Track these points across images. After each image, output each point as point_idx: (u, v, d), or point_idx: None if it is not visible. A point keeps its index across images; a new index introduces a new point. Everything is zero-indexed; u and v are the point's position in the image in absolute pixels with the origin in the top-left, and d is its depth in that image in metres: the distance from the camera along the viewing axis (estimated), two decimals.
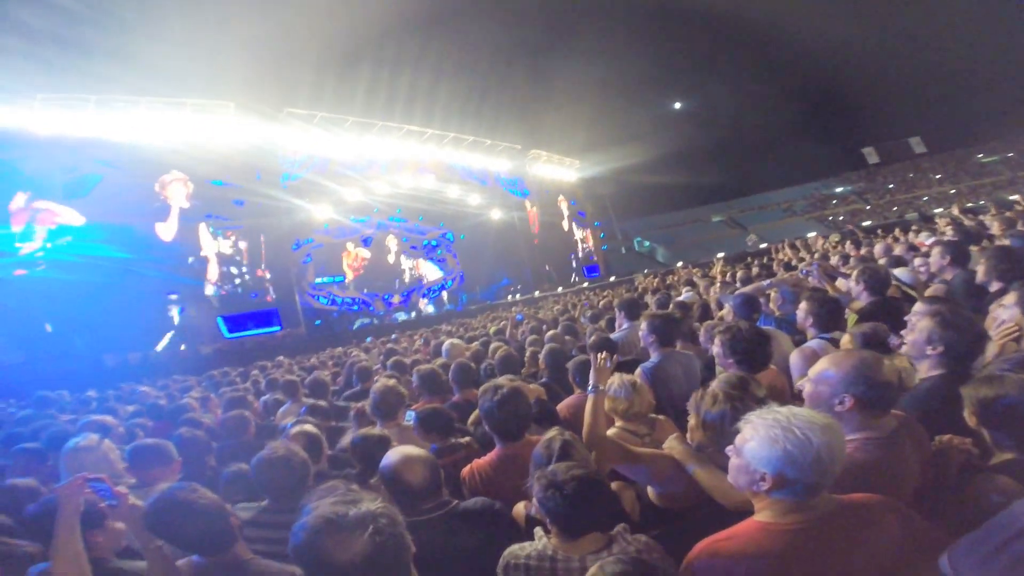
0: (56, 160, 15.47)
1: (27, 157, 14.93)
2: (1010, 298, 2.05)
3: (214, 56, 17.98)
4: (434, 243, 29.54)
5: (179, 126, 17.80)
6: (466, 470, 2.37)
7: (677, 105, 44.20)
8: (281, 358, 10.69)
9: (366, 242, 26.42)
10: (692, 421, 1.89)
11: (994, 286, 2.90)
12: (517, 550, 1.57)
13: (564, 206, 34.37)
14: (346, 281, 25.28)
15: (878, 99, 37.59)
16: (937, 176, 37.78)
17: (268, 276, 21.36)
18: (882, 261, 5.39)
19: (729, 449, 1.36)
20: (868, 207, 37.83)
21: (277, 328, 19.50)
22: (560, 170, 33.29)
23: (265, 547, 1.81)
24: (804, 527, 1.21)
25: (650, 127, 37.55)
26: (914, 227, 9.70)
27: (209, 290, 19.50)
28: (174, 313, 17.97)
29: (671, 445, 1.90)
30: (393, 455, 1.88)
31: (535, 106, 30.06)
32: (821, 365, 1.65)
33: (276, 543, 1.78)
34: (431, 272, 29.19)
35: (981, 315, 2.42)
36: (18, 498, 2.33)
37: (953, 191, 34.69)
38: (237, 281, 20.43)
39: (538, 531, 1.60)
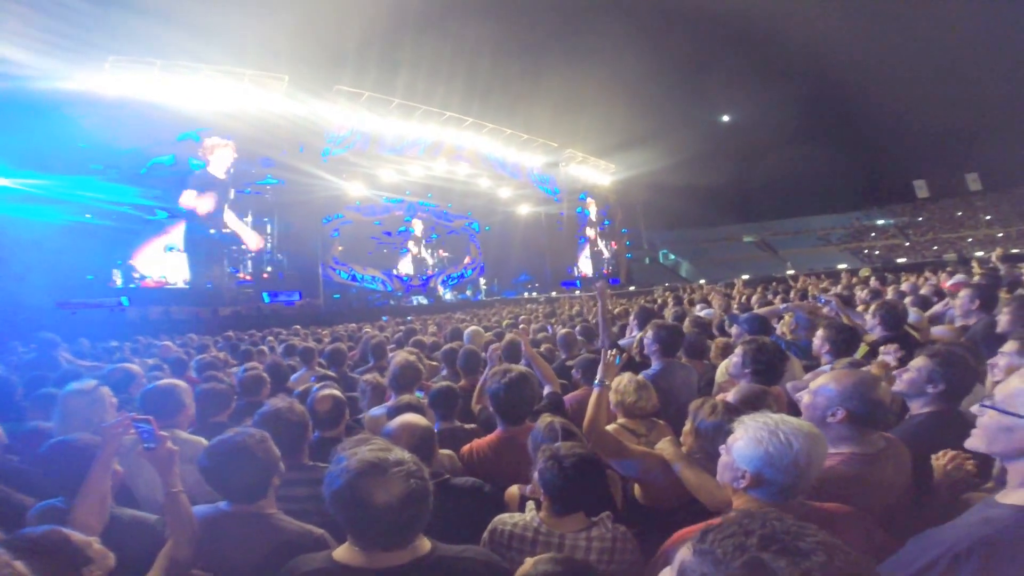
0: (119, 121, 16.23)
1: (90, 115, 15.68)
2: (1010, 346, 2.07)
3: (273, 29, 18.56)
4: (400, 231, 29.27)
5: (234, 94, 18.57)
6: (466, 448, 2.47)
7: (725, 118, 43.26)
8: (297, 327, 10.97)
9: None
10: (687, 426, 1.97)
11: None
12: (507, 518, 1.68)
13: (592, 209, 34.21)
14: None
15: (937, 129, 36.18)
16: (987, 217, 36.13)
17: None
18: (908, 299, 5.33)
19: (722, 447, 1.44)
20: (907, 243, 36.65)
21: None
22: (594, 173, 33.09)
23: None
24: None
25: (690, 133, 36.98)
26: (948, 268, 9.46)
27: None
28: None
29: (663, 447, 1.98)
30: (396, 420, 2.01)
31: (574, 104, 30.00)
32: (823, 379, 1.74)
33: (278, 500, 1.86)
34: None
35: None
36: (40, 441, 2.32)
37: (1001, 234, 33.25)
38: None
39: (530, 504, 1.70)
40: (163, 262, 18.60)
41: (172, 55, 16.67)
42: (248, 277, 20.98)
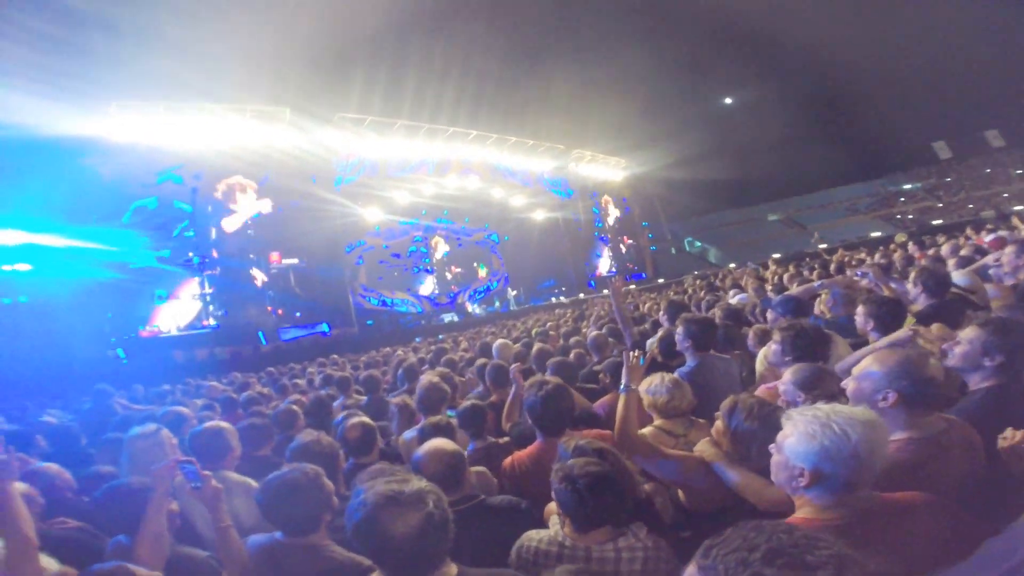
0: (131, 165, 16.64)
1: (105, 163, 16.01)
2: None
3: (272, 61, 18.84)
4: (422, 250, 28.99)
5: (242, 131, 18.88)
6: (507, 461, 2.46)
7: (728, 100, 42.52)
8: (335, 356, 11.18)
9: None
10: (719, 425, 1.88)
11: None
12: (533, 534, 1.66)
13: (610, 207, 33.91)
14: None
15: (949, 89, 34.68)
16: (1018, 171, 34.44)
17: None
18: (951, 262, 5.07)
19: (771, 447, 1.36)
20: (940, 205, 35.16)
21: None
22: (605, 170, 32.81)
23: None
24: (843, 523, 1.18)
25: (699, 123, 36.29)
26: (988, 226, 8.99)
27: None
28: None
29: (702, 447, 1.90)
30: (424, 447, 2.01)
31: (581, 103, 29.78)
32: (866, 363, 1.63)
33: None
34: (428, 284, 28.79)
35: None
36: (101, 484, 2.46)
37: None
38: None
39: (554, 519, 1.66)
40: (155, 311, 17.92)
41: (172, 91, 16.79)
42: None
